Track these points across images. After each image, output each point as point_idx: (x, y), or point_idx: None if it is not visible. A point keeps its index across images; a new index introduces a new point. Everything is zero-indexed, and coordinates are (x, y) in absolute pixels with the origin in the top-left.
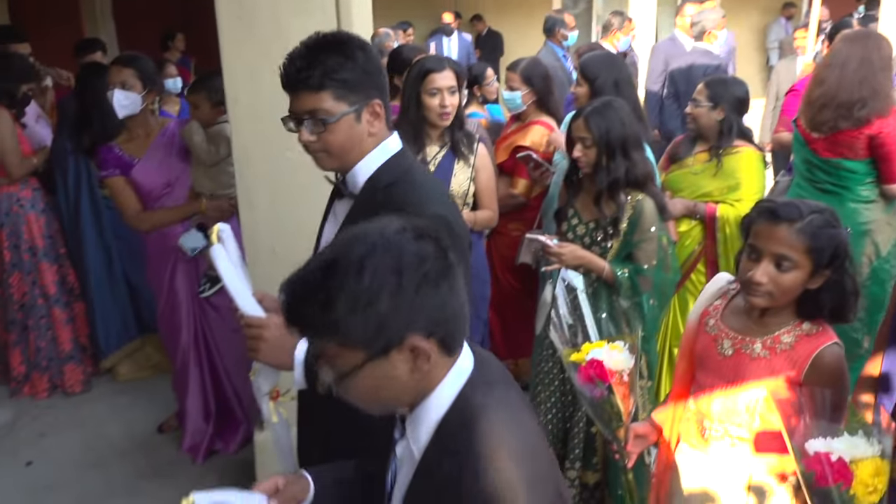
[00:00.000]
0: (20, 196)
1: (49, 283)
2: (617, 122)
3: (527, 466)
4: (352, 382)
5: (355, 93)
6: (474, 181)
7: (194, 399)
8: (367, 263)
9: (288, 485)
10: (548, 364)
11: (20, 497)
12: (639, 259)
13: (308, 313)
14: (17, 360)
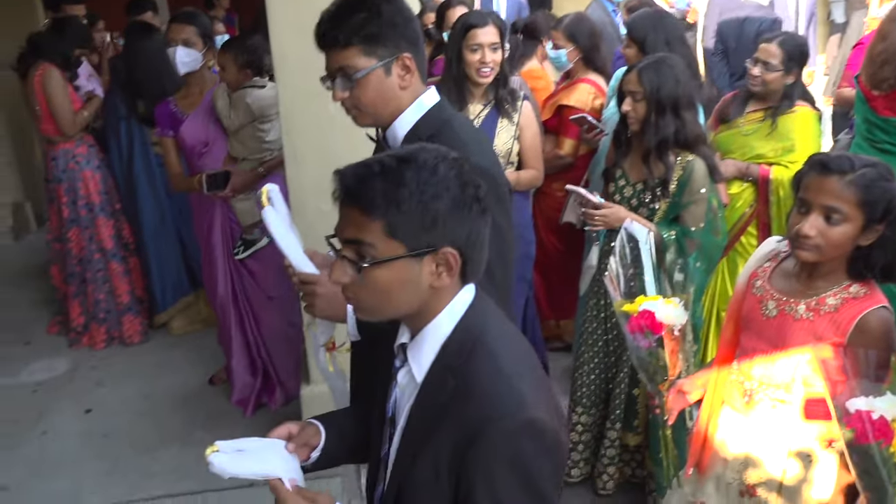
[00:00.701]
0: (76, 153)
1: (105, 237)
2: (671, 78)
3: (528, 376)
4: (375, 274)
5: (383, 46)
6: (518, 140)
7: (239, 355)
8: (440, 167)
9: (301, 430)
10: (591, 325)
11: (80, 443)
12: (686, 221)
13: (373, 188)
14: (77, 312)
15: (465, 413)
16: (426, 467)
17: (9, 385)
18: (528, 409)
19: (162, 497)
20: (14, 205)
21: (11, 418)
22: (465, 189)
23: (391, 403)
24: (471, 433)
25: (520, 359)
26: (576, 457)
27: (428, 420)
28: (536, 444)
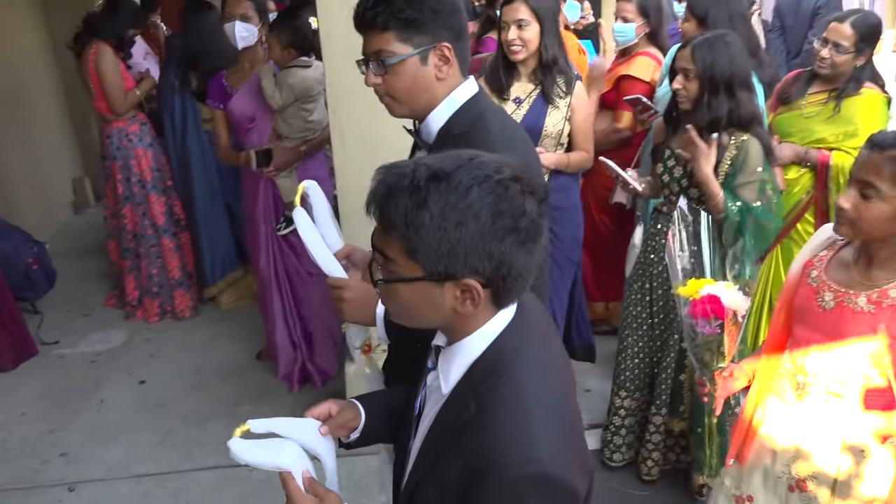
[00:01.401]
0: (129, 131)
1: (158, 213)
2: (725, 56)
3: (551, 420)
4: (396, 290)
5: (422, 34)
6: (569, 121)
7: (281, 331)
8: (473, 191)
9: (340, 411)
10: (636, 308)
11: (135, 412)
12: (747, 197)
13: (395, 205)
14: (132, 286)
15: (476, 447)
16: (434, 488)
17: (70, 355)
18: (540, 462)
19: (211, 468)
20: (74, 180)
21: (72, 387)
22: (497, 219)
23: (419, 401)
24: (476, 471)
25: (549, 400)
26: (618, 441)
27: (443, 441)
28: (543, 497)
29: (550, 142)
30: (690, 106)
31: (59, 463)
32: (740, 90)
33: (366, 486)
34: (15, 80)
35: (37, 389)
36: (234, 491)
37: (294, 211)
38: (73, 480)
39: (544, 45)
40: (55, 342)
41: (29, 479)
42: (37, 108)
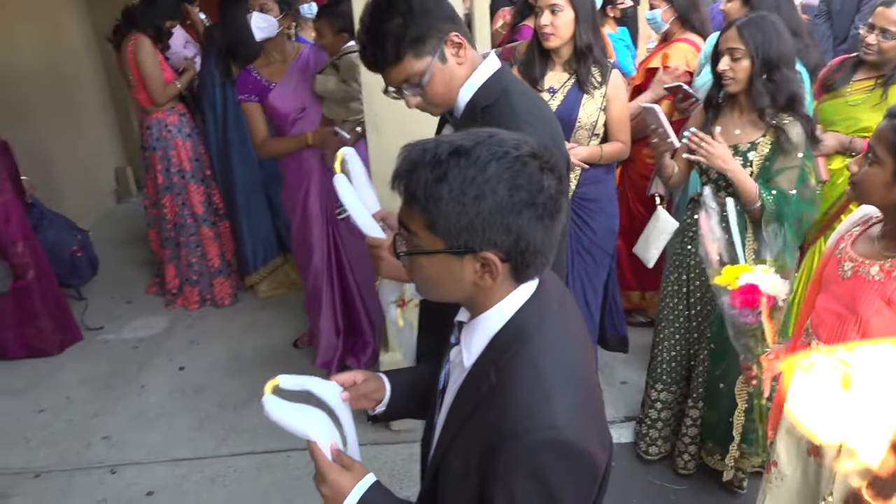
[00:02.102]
0: (168, 122)
1: (197, 203)
2: (774, 34)
3: (569, 392)
4: (419, 263)
5: (429, 40)
6: (605, 110)
7: (326, 317)
8: (491, 165)
9: (365, 381)
10: (673, 300)
11: (173, 398)
12: (782, 185)
13: (417, 178)
14: (172, 274)
15: (496, 417)
16: (458, 460)
17: (113, 341)
18: (558, 428)
19: (247, 454)
20: (117, 170)
21: (115, 372)
22: (515, 193)
23: (443, 375)
24: (497, 440)
25: (567, 371)
26: (653, 434)
27: (465, 412)
28: (562, 464)
29: (584, 133)
30: (739, 88)
31: (101, 446)
32: (787, 69)
33: (399, 473)
34: (60, 71)
35: (81, 374)
36: (270, 477)
37: (335, 177)
38: (114, 463)
39: (578, 33)
40: (99, 328)
41: (73, 461)
42: (81, 99)
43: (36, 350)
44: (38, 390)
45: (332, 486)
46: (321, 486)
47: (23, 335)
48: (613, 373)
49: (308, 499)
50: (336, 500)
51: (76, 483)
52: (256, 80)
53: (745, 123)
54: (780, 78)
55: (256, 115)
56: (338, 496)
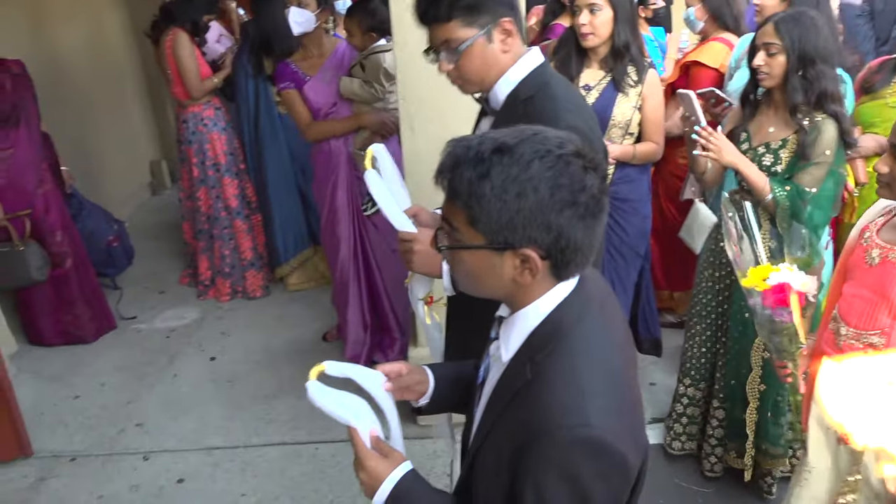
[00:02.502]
0: (204, 116)
1: (230, 196)
2: (812, 29)
3: (605, 392)
4: (460, 257)
5: (483, 14)
6: (639, 110)
7: (354, 310)
8: (534, 164)
9: (409, 373)
10: (706, 296)
11: (205, 387)
12: (803, 181)
13: (460, 175)
14: (205, 266)
15: (529, 413)
16: (490, 455)
17: (146, 330)
18: (591, 427)
19: (277, 444)
20: (152, 162)
21: (148, 360)
22: (556, 192)
23: (483, 369)
24: (530, 437)
25: (604, 371)
26: (678, 429)
27: (500, 407)
28: (594, 463)
29: (618, 131)
30: (774, 83)
31: (135, 432)
32: (826, 65)
33: (423, 469)
34: (100, 66)
35: (115, 361)
36: (299, 467)
37: (366, 172)
38: (147, 450)
39: (617, 32)
40: (133, 317)
41: (107, 447)
42: (119, 93)
43: (72, 337)
44: (74, 376)
45: (369, 473)
46: (359, 472)
47: (60, 322)
48: (643, 374)
49: (336, 490)
50: (373, 486)
51: (110, 468)
52: (294, 72)
53: (779, 120)
54: (814, 74)
55: (297, 101)
56: (374, 482)
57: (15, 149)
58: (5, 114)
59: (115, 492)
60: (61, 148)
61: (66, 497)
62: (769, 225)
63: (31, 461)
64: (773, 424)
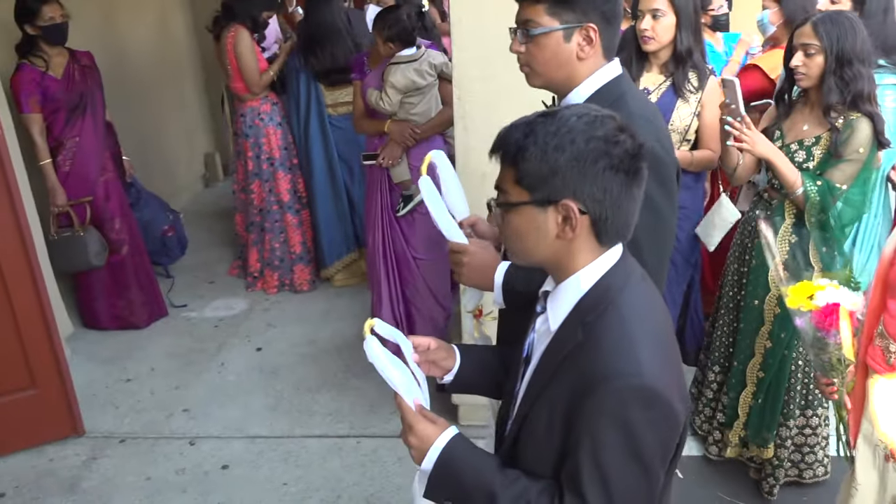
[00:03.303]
0: (261, 110)
1: (283, 190)
2: (850, 30)
3: (654, 348)
4: (509, 218)
5: (570, 11)
6: (698, 117)
7: (385, 306)
8: (571, 121)
9: (436, 349)
10: (733, 289)
11: (251, 377)
12: (834, 178)
13: (510, 138)
14: (254, 258)
15: (584, 367)
16: (543, 412)
17: (196, 318)
18: (644, 377)
19: (319, 436)
20: (206, 155)
21: (196, 348)
22: (590, 143)
23: (528, 344)
24: (585, 388)
25: (652, 330)
26: (708, 413)
27: (552, 368)
28: (647, 412)
29: (675, 137)
30: (811, 84)
31: (182, 417)
32: (861, 67)
33: None
34: (163, 60)
35: (166, 348)
36: (340, 460)
37: (420, 179)
38: (193, 435)
39: (679, 38)
40: (183, 305)
41: (156, 430)
42: (178, 87)
43: (125, 322)
44: (126, 360)
45: (419, 436)
46: (409, 436)
47: (114, 307)
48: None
49: (377, 484)
50: (422, 448)
51: (158, 451)
52: (363, 65)
53: (814, 119)
54: (851, 75)
55: (358, 93)
56: (424, 444)
57: (80, 137)
58: (73, 103)
59: (162, 474)
60: (123, 138)
61: (114, 477)
62: (793, 220)
63: (83, 440)
64: (761, 413)
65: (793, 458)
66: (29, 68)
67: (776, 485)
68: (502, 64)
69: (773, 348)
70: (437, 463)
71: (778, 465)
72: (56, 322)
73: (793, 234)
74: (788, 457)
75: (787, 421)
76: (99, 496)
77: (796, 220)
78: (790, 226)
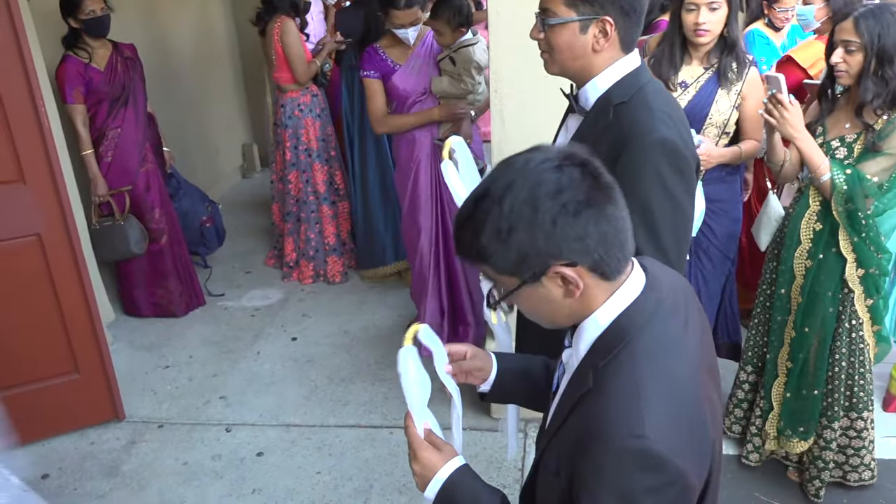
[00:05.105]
0: (301, 101)
1: (319, 181)
2: (893, 26)
3: (668, 404)
4: (517, 301)
5: (587, 3)
6: (739, 108)
7: (432, 298)
8: (506, 195)
9: (472, 357)
10: (771, 287)
11: (287, 365)
12: (866, 168)
13: (463, 240)
14: (290, 248)
15: (587, 420)
16: (552, 458)
17: (232, 307)
18: (644, 438)
19: (352, 426)
20: (244, 146)
21: (233, 337)
22: (541, 209)
23: (556, 377)
24: (584, 441)
25: (670, 379)
26: (739, 413)
27: (563, 413)
28: (647, 477)
29: (714, 130)
30: (851, 81)
31: (219, 405)
32: None
33: (497, 460)
34: (203, 52)
35: (203, 336)
36: (373, 450)
37: (441, 164)
38: (230, 422)
39: (730, 27)
40: (221, 295)
41: (193, 416)
42: (217, 78)
43: (164, 310)
44: (164, 347)
45: (423, 464)
46: (413, 463)
47: (153, 295)
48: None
49: (409, 475)
50: (426, 477)
51: (195, 437)
52: (382, 60)
53: (862, 114)
54: (892, 73)
55: (377, 91)
56: (427, 473)
57: (122, 128)
58: (116, 95)
59: (199, 460)
60: (163, 129)
61: (153, 462)
62: (819, 207)
63: (123, 425)
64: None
65: (836, 459)
66: (73, 60)
67: (822, 487)
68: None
69: (799, 338)
70: (439, 494)
71: (823, 466)
72: (98, 309)
73: (818, 221)
74: (833, 458)
75: (832, 423)
76: (138, 480)
77: (822, 208)
78: (815, 213)
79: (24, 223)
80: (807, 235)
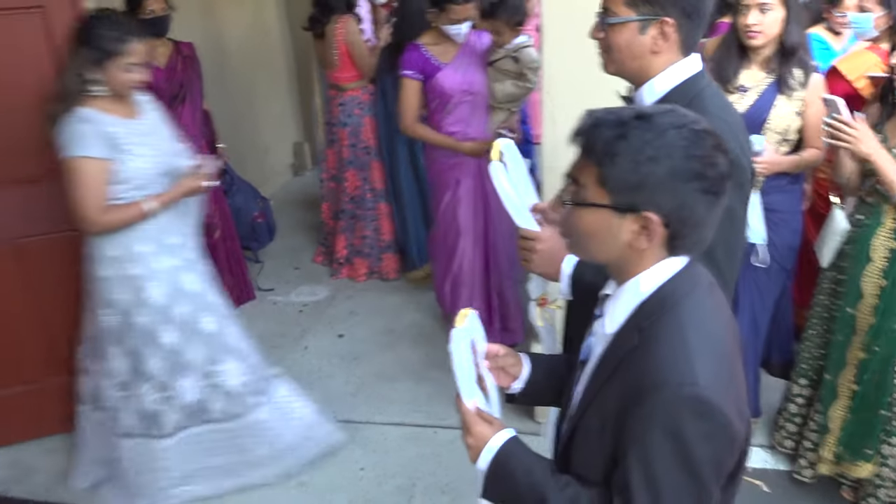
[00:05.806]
0: (361, 100)
1: (377, 179)
2: None
3: (713, 357)
4: (580, 214)
5: (648, 4)
6: (802, 115)
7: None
8: (670, 133)
9: (505, 356)
10: (829, 299)
11: (332, 363)
12: None
13: (598, 133)
14: (341, 245)
15: (637, 374)
16: (595, 417)
17: (282, 303)
18: (698, 387)
19: (398, 424)
20: (295, 144)
21: (281, 332)
22: (688, 161)
23: (585, 347)
24: (637, 395)
25: (712, 340)
26: (791, 428)
27: (606, 373)
28: (700, 423)
29: (774, 136)
30: None
31: None
32: None
33: None
34: (256, 51)
35: (252, 330)
36: (417, 449)
37: (490, 165)
38: None
39: (788, 32)
40: (270, 289)
41: None
42: (270, 77)
43: None
44: None
45: (476, 436)
46: (467, 437)
47: None
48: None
49: (452, 474)
50: (478, 447)
51: None
52: (425, 58)
53: None
54: None
55: (413, 93)
56: (480, 444)
57: (180, 125)
58: (174, 92)
59: None
60: (219, 126)
61: None
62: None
63: None
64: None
65: (893, 478)
66: None
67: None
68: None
69: (867, 359)
70: (492, 463)
71: (880, 484)
72: None
73: (893, 238)
74: (890, 476)
75: (890, 438)
76: None
77: None
78: (891, 230)
79: None
80: (881, 254)
